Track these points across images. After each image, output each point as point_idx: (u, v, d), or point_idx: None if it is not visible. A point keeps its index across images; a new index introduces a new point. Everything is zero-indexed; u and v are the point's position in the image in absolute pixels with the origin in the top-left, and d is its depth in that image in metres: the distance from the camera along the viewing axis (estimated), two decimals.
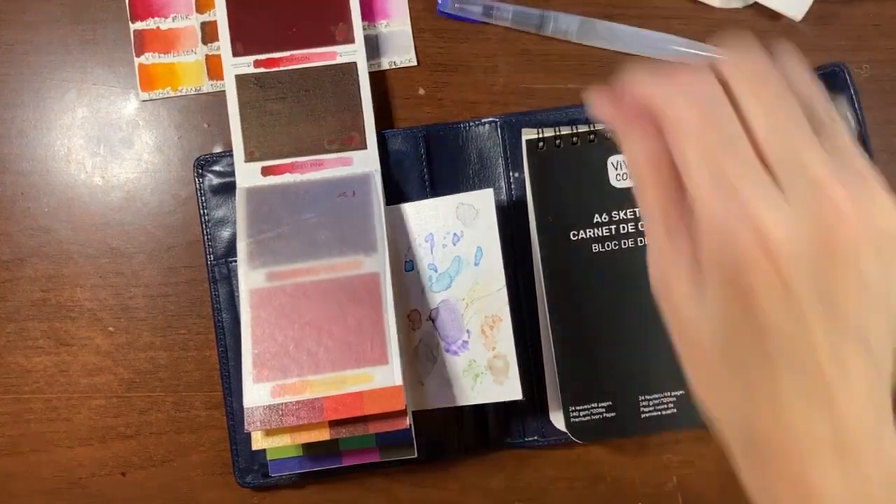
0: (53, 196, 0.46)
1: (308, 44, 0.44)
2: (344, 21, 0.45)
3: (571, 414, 0.44)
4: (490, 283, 0.42)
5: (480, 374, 0.42)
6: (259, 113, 0.44)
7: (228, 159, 0.45)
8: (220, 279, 0.45)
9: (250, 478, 0.45)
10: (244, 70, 0.44)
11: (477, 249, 0.43)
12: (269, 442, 0.39)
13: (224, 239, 0.46)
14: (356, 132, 0.44)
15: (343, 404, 0.38)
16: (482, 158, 0.46)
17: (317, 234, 0.41)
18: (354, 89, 0.44)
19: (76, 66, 0.47)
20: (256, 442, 0.40)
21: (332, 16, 0.45)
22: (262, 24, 0.44)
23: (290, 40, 0.44)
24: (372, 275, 0.41)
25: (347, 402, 0.38)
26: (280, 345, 0.39)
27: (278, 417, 0.38)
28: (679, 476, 0.48)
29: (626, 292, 0.45)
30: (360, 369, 0.39)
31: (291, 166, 0.44)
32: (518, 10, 0.46)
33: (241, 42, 0.44)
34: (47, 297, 0.46)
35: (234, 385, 0.45)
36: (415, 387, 0.43)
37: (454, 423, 0.46)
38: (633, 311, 0.44)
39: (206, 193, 0.46)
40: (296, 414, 0.38)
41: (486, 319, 0.42)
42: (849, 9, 0.47)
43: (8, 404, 0.46)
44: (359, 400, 0.38)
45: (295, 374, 0.39)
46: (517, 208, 0.46)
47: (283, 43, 0.44)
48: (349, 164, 0.44)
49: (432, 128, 0.46)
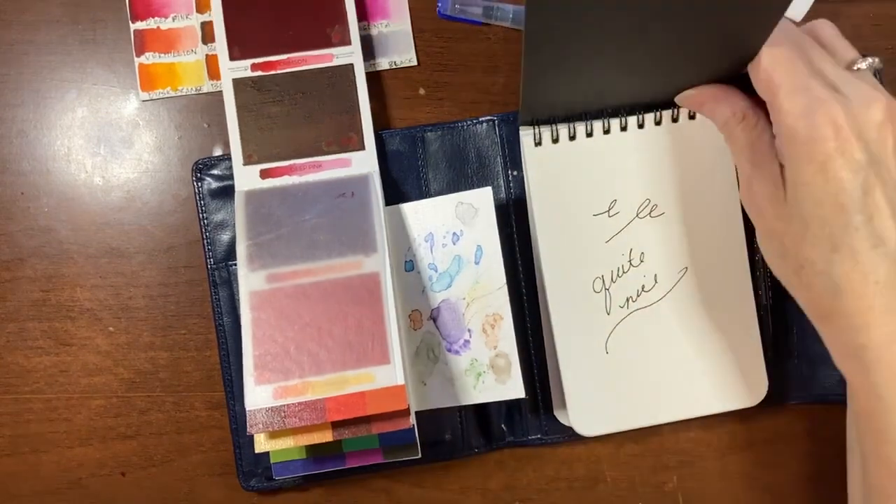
0: (53, 196, 0.46)
1: (304, 46, 0.44)
2: (340, 23, 0.45)
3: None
4: (490, 282, 0.42)
5: (482, 372, 0.42)
6: (257, 116, 0.44)
7: (227, 162, 0.45)
8: (221, 283, 0.45)
9: (254, 481, 0.45)
10: (241, 74, 0.44)
11: (477, 248, 0.43)
12: (273, 444, 0.39)
13: (224, 242, 0.46)
14: (354, 133, 0.44)
15: (345, 405, 0.38)
16: (481, 157, 0.46)
17: (316, 236, 0.41)
18: (351, 91, 0.44)
19: (76, 66, 0.46)
20: (260, 444, 0.40)
21: (328, 18, 0.45)
22: (259, 28, 0.44)
23: (287, 43, 0.44)
24: (372, 274, 0.41)
25: (350, 402, 0.38)
26: (281, 346, 0.39)
27: (281, 419, 0.38)
28: (679, 476, 0.48)
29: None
30: (362, 369, 0.39)
31: (290, 168, 0.44)
32: (518, 9, 0.46)
33: (237, 46, 0.44)
34: (47, 297, 0.46)
35: (236, 389, 0.45)
36: (417, 387, 0.43)
37: (457, 422, 0.46)
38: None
39: (205, 197, 0.46)
40: (298, 415, 0.38)
41: (488, 318, 0.42)
42: (849, 9, 0.47)
43: (8, 404, 0.46)
44: (361, 400, 0.38)
45: (296, 376, 0.39)
46: (516, 206, 0.46)
47: (280, 46, 0.44)
48: (348, 165, 0.44)
49: (430, 127, 0.46)
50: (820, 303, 0.34)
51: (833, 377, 0.46)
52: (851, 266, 0.33)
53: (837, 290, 0.33)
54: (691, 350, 0.44)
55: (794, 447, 0.48)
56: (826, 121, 0.32)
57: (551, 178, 0.44)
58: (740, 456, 0.47)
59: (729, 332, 0.44)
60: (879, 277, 0.32)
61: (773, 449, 0.47)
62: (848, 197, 0.32)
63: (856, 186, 0.32)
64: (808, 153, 0.33)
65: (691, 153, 0.44)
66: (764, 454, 0.48)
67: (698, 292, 0.44)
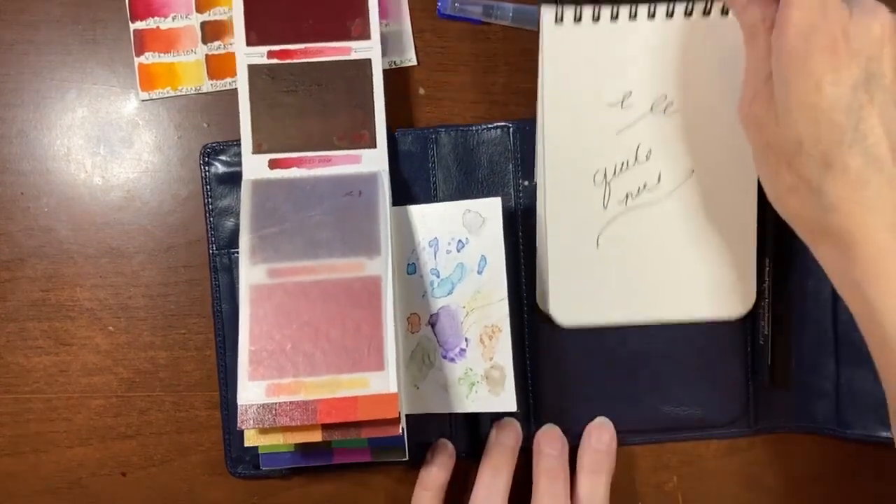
0: (53, 196, 0.46)
1: (323, 37, 0.44)
2: (361, 16, 0.44)
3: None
4: (492, 294, 0.42)
5: (476, 383, 0.42)
6: (269, 105, 0.44)
7: (236, 149, 0.45)
8: (222, 269, 0.45)
9: (241, 468, 0.46)
10: (257, 60, 0.44)
11: (481, 258, 0.42)
12: (263, 440, 0.39)
13: (227, 229, 0.46)
14: (366, 130, 0.44)
15: (337, 408, 0.38)
16: (492, 163, 0.46)
17: (320, 233, 0.41)
18: (367, 86, 0.44)
19: (76, 66, 0.46)
20: (249, 439, 0.39)
21: (349, 10, 0.44)
22: (278, 15, 0.44)
23: (305, 33, 0.44)
24: (373, 278, 0.40)
25: (341, 406, 0.38)
26: (277, 343, 0.39)
27: (272, 417, 0.38)
28: (679, 476, 0.48)
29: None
30: (356, 374, 0.39)
31: (299, 161, 0.43)
32: (518, 8, 0.46)
33: (255, 31, 0.44)
34: (47, 296, 0.46)
35: (229, 376, 0.45)
36: (410, 390, 0.43)
37: (447, 426, 0.46)
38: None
39: (212, 182, 0.46)
40: (289, 414, 0.38)
41: (486, 329, 0.42)
42: None
43: (8, 404, 0.46)
44: (353, 405, 0.38)
45: (290, 374, 0.39)
46: (525, 217, 0.45)
47: (298, 35, 0.44)
48: (357, 161, 0.44)
49: (443, 129, 0.46)
50: (813, 221, 0.34)
51: (828, 410, 0.46)
52: (843, 183, 0.32)
53: (830, 206, 0.33)
54: (684, 254, 0.43)
55: (795, 447, 0.48)
56: (824, 36, 0.32)
57: (567, 61, 0.42)
58: (740, 456, 0.47)
59: (726, 241, 0.43)
60: (871, 193, 0.32)
61: (773, 449, 0.47)
62: (842, 114, 0.32)
63: (851, 103, 0.32)
64: (805, 69, 0.32)
65: (718, 52, 0.42)
66: (764, 454, 0.47)
67: (701, 197, 0.43)
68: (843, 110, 0.32)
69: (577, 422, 0.46)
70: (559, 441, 0.44)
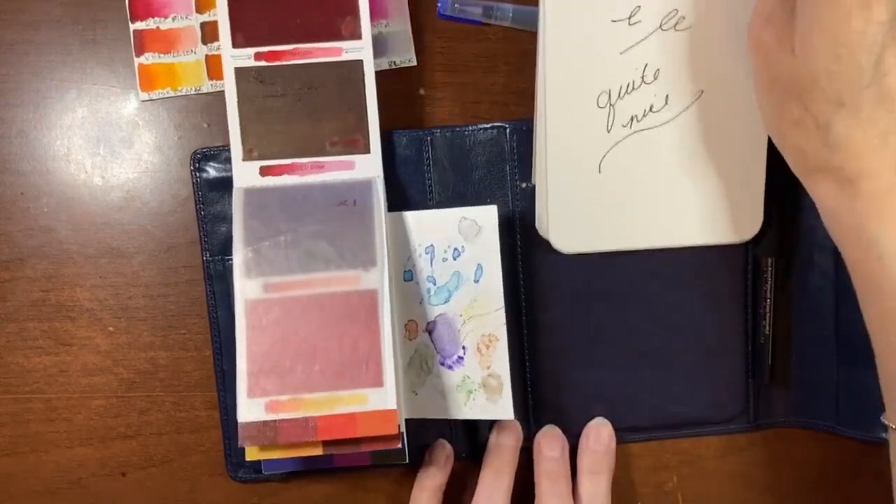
0: (53, 196, 0.46)
1: (312, 38, 0.42)
2: (351, 15, 0.42)
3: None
4: (488, 302, 0.42)
5: (474, 390, 0.42)
6: (258, 109, 0.42)
7: (227, 154, 0.44)
8: (216, 276, 0.45)
9: (242, 472, 0.46)
10: (244, 63, 0.42)
11: (477, 266, 0.42)
12: (264, 454, 0.39)
13: (220, 235, 0.45)
14: (360, 134, 0.43)
15: (336, 425, 0.38)
16: (488, 165, 0.45)
17: (315, 245, 0.40)
18: (360, 89, 0.43)
19: (76, 66, 0.46)
20: (250, 454, 0.39)
21: (339, 9, 0.42)
22: (265, 15, 0.42)
23: (294, 33, 0.42)
24: (370, 291, 0.40)
25: (341, 422, 0.38)
26: (275, 360, 0.39)
27: (273, 435, 0.38)
28: (679, 476, 0.48)
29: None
30: (355, 390, 0.38)
31: (291, 167, 0.43)
32: (518, 9, 0.46)
33: (241, 33, 0.42)
34: (47, 297, 0.46)
35: (227, 381, 0.45)
36: (408, 396, 0.43)
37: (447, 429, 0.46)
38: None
39: (203, 188, 0.45)
40: (289, 432, 0.38)
41: (483, 338, 0.42)
42: None
43: (8, 404, 0.46)
44: (352, 421, 0.38)
45: (289, 391, 0.38)
46: (522, 220, 0.45)
47: (286, 36, 0.42)
48: (351, 168, 0.43)
49: (438, 131, 0.46)
50: (815, 156, 0.34)
51: (828, 408, 0.46)
52: (854, 122, 0.32)
53: (836, 144, 0.33)
54: (691, 178, 0.42)
55: (794, 447, 0.48)
56: None
57: None
58: (740, 456, 0.47)
59: (735, 164, 0.42)
60: (880, 132, 0.32)
61: (773, 449, 0.47)
62: (864, 53, 0.32)
63: (874, 43, 0.31)
64: (831, 3, 0.32)
65: None
66: (764, 454, 0.48)
67: (711, 119, 0.41)
68: (866, 48, 0.32)
69: (577, 421, 0.46)
70: (559, 442, 0.44)
